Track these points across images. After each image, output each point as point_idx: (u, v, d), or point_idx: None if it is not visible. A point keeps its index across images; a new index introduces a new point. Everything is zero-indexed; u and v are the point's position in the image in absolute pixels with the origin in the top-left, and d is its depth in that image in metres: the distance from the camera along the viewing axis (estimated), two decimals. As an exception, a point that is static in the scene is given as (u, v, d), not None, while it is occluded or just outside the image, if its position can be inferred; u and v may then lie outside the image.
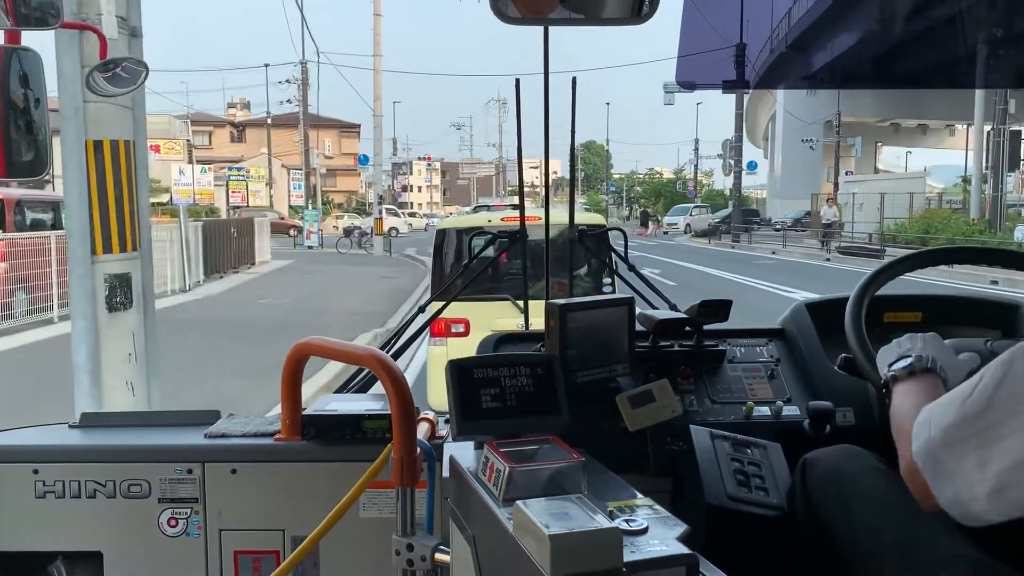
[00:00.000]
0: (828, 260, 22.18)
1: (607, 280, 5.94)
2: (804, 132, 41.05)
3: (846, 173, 39.09)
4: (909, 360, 1.25)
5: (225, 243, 19.82)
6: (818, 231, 28.04)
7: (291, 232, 34.78)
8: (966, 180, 34.53)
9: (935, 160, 60.61)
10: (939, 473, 0.99)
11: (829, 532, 1.30)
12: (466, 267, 2.71)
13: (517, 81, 2.00)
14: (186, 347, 8.65)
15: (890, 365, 1.28)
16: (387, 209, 39.10)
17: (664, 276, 15.38)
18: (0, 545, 1.69)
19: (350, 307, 12.87)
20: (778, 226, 36.16)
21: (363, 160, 33.82)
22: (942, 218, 24.80)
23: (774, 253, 26.45)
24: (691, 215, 43.39)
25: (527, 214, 2.30)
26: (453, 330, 5.67)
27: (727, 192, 56.86)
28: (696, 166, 56.57)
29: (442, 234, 6.77)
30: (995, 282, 14.39)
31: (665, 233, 41.51)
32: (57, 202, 12.87)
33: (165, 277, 15.39)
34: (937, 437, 1.00)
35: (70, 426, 1.82)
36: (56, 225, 12.40)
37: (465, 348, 1.67)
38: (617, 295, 1.67)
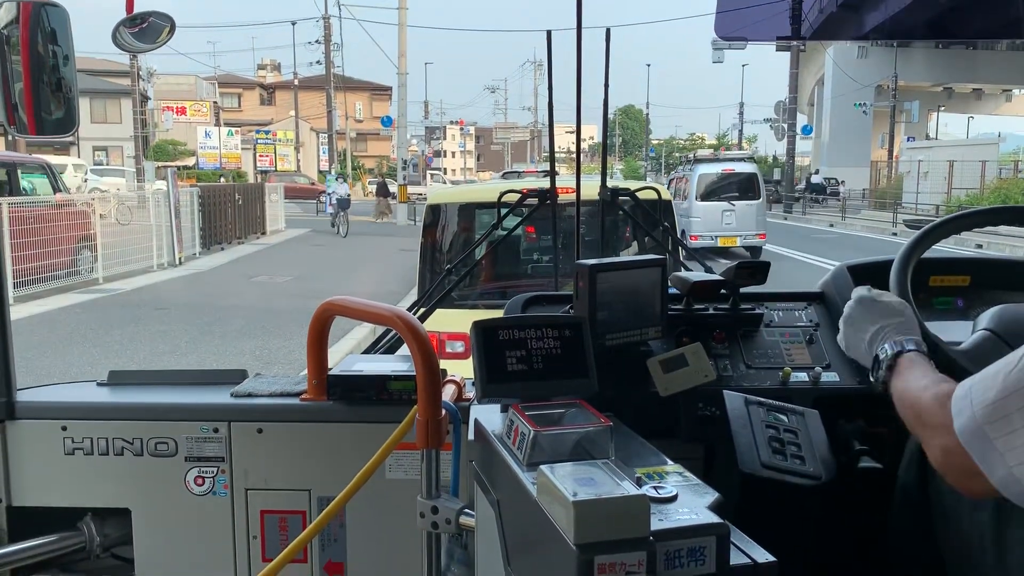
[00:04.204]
0: (895, 234, 20.95)
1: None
2: (854, 97, 39.62)
3: (908, 139, 37.52)
4: (880, 358, 1.25)
5: (229, 210, 18.25)
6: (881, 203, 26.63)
7: (320, 199, 33.21)
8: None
9: (984, 127, 58.78)
10: (988, 450, 0.94)
11: (937, 495, 1.28)
12: (486, 236, 2.56)
13: (549, 33, 1.94)
14: (95, 348, 7.86)
15: (872, 374, 1.27)
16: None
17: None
18: (30, 500, 1.71)
19: (355, 287, 11.83)
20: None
21: (386, 121, 33.05)
22: (1022, 188, 22.71)
23: (832, 226, 25.24)
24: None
25: (561, 184, 2.21)
26: (448, 349, 4.00)
27: (770, 159, 55.54)
28: (740, 131, 55.01)
29: (435, 211, 4.98)
30: (980, 246, 14.31)
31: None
32: (13, 163, 12.21)
33: (151, 250, 14.30)
34: (981, 413, 0.94)
35: (98, 384, 1.84)
36: (13, 188, 11.66)
37: (464, 373, 1.39)
38: (650, 255, 1.61)
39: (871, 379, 1.30)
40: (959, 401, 0.98)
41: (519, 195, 2.34)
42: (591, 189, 2.29)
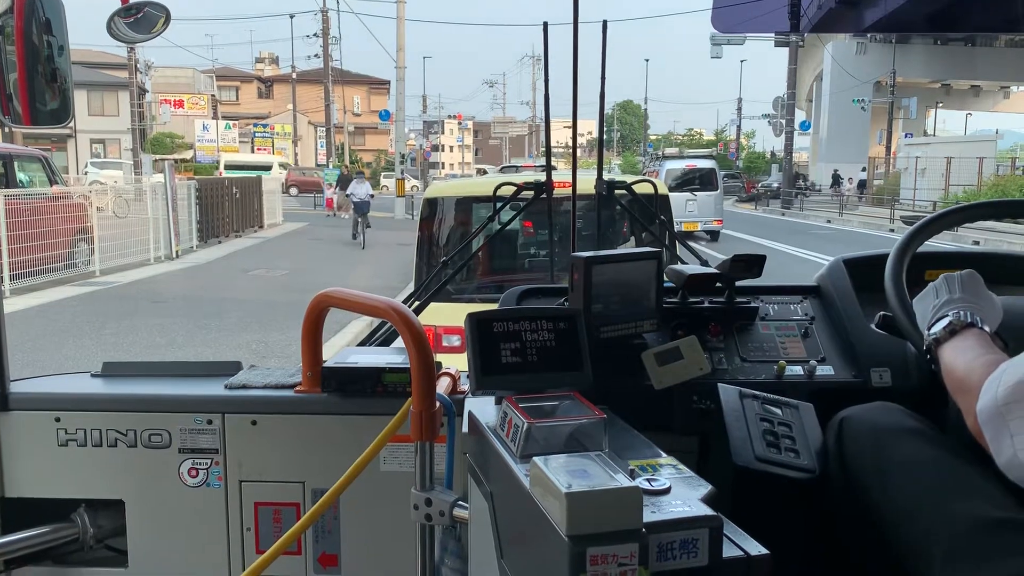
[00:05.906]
0: (892, 231, 20.92)
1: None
2: (852, 93, 39.57)
3: (906, 135, 37.56)
4: (947, 320, 1.21)
5: (226, 204, 18.28)
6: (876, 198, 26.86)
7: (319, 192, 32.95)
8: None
9: (982, 123, 58.77)
10: (999, 432, 0.94)
11: (864, 492, 1.25)
12: (481, 229, 2.57)
13: (545, 25, 1.93)
14: (91, 341, 7.87)
15: (929, 328, 1.24)
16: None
17: (718, 251, 14.12)
18: (24, 492, 1.71)
19: (352, 280, 11.84)
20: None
21: (384, 115, 32.91)
22: (1019, 185, 22.58)
23: (829, 222, 25.20)
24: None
25: (558, 178, 2.20)
26: (445, 343, 3.92)
27: (768, 155, 55.43)
28: (739, 127, 54.73)
29: (432, 205, 4.95)
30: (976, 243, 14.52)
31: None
32: (9, 155, 12.04)
33: (148, 243, 14.26)
34: (1002, 395, 0.95)
35: (92, 375, 1.83)
36: (9, 180, 11.58)
37: (460, 367, 1.51)
38: (645, 248, 1.61)
39: (919, 330, 1.28)
40: (991, 381, 0.98)
41: (515, 188, 2.34)
42: (588, 183, 2.29)
